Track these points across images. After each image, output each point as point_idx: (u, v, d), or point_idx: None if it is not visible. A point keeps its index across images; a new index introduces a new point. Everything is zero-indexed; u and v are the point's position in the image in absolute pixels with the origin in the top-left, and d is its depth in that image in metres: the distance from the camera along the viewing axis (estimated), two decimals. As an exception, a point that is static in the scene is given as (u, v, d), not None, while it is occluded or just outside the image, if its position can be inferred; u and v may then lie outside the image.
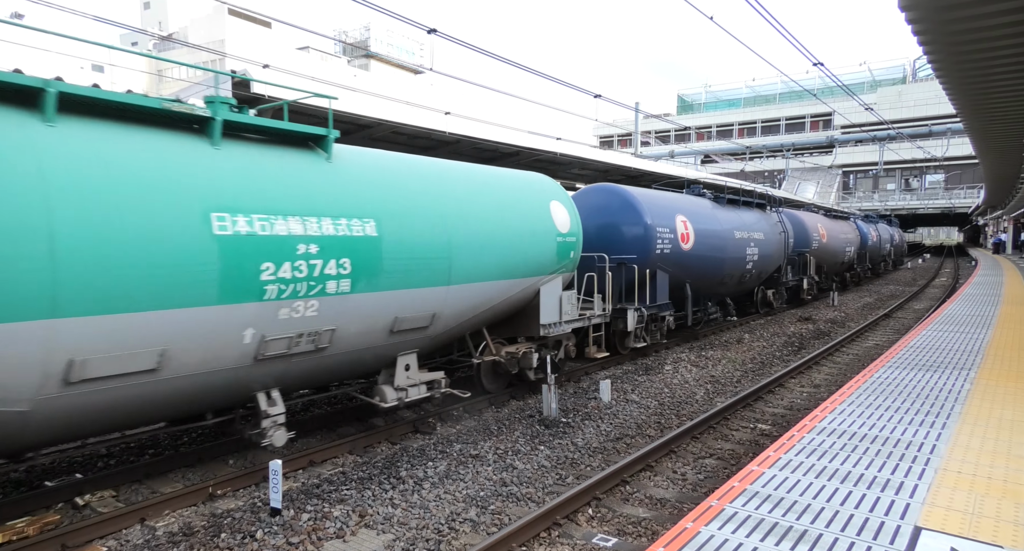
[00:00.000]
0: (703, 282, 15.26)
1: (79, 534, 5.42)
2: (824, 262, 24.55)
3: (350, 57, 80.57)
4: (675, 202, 14.42)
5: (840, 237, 26.81)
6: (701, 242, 14.52)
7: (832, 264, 26.07)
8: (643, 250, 12.90)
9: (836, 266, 27.02)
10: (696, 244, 14.29)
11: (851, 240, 28.80)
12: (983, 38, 9.35)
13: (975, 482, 4.60)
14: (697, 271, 14.68)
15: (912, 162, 61.66)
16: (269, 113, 8.68)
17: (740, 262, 16.33)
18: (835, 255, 25.99)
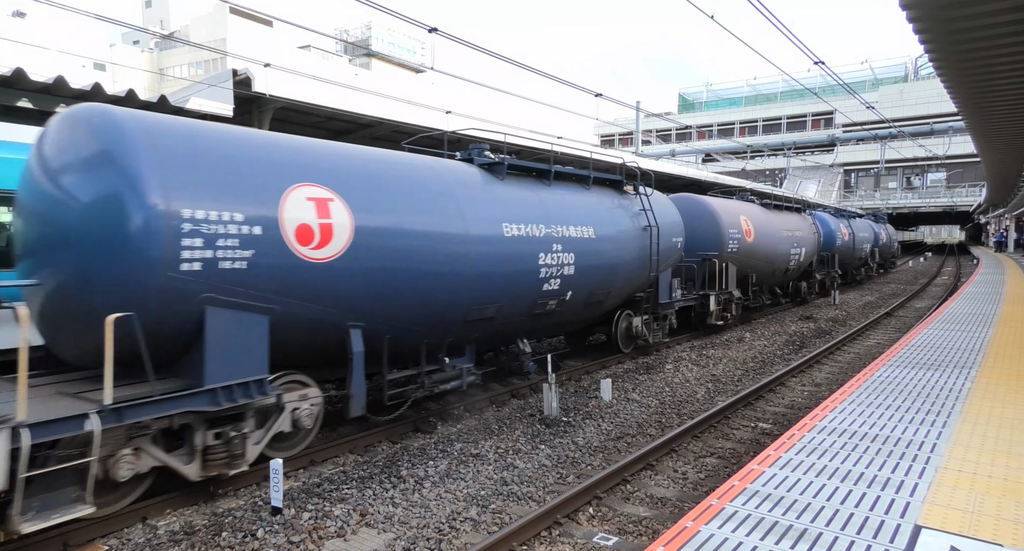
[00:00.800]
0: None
1: (80, 533, 5.43)
2: (751, 270, 18.35)
3: (351, 56, 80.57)
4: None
5: (779, 236, 20.19)
6: (759, 239, 17.94)
7: (765, 272, 19.50)
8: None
9: (772, 275, 20.31)
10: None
11: (801, 240, 22.12)
12: (984, 36, 9.34)
13: (975, 481, 4.60)
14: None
15: (914, 160, 61.60)
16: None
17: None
18: (769, 260, 19.31)
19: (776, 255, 19.22)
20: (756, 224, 17.97)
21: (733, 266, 16.71)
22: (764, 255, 18.51)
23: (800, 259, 21.29)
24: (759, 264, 18.37)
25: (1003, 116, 14.91)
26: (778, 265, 19.60)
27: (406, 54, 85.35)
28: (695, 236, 15.92)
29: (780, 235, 19.54)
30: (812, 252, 22.80)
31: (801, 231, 21.46)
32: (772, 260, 18.99)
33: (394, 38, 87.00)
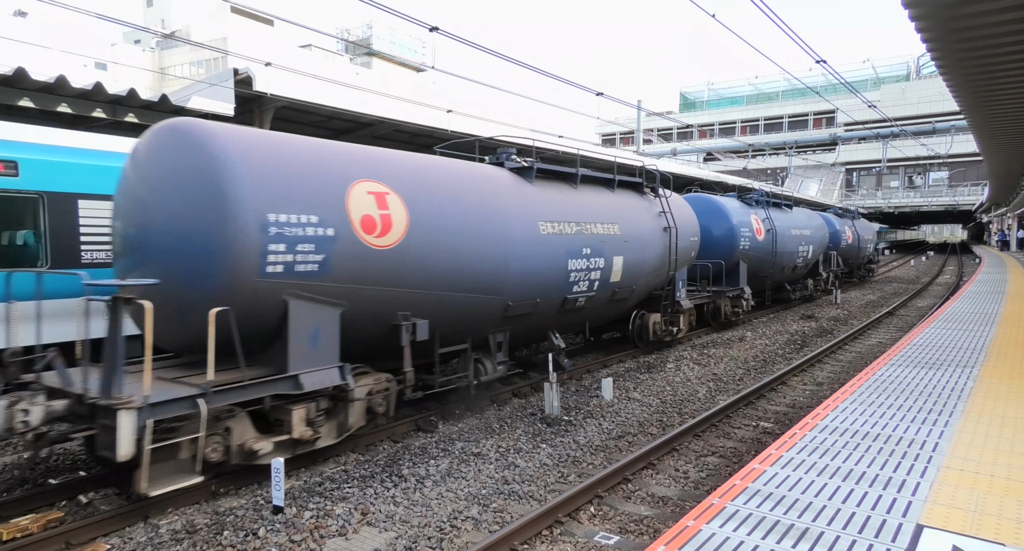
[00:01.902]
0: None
1: (82, 532, 5.44)
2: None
3: (352, 55, 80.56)
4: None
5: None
6: (769, 237, 18.79)
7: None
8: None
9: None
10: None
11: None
12: (987, 35, 9.32)
13: (977, 480, 4.59)
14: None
15: (916, 159, 61.47)
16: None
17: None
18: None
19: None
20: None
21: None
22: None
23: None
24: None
25: (1006, 115, 14.88)
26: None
27: (407, 53, 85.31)
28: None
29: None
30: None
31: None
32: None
33: (395, 37, 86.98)
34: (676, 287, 13.74)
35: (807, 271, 23.26)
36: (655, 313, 13.31)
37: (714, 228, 17.29)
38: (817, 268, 24.13)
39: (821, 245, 23.45)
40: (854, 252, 29.33)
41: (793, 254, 20.66)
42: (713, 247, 17.12)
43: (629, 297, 11.93)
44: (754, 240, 17.92)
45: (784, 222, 20.27)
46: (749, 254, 17.72)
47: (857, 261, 30.99)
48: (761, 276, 19.27)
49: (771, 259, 19.10)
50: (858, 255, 30.44)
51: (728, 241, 17.33)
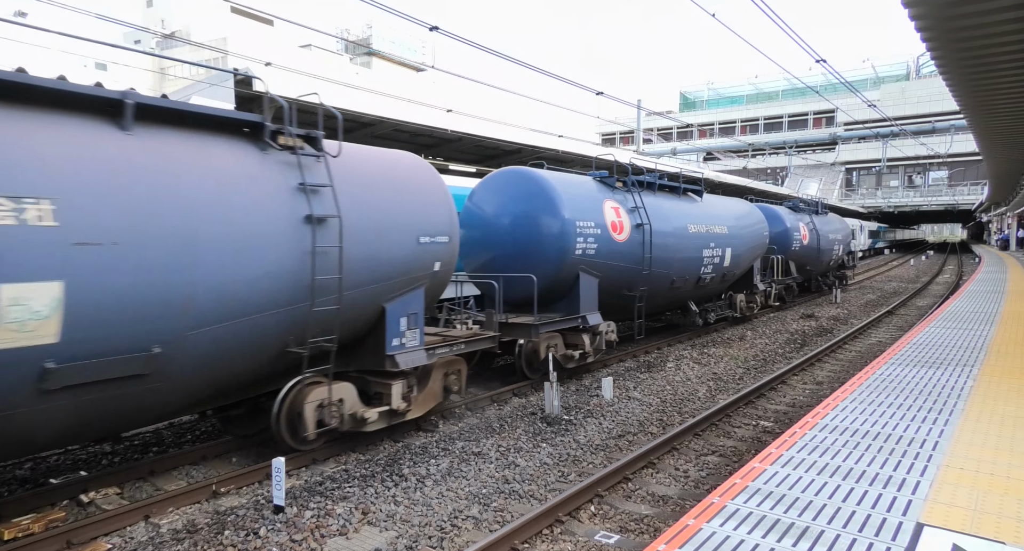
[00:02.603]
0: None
1: (84, 531, 5.45)
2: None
3: (352, 55, 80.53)
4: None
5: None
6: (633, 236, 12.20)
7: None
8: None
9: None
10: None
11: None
12: (986, 34, 9.32)
13: (978, 478, 4.60)
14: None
15: (915, 159, 61.53)
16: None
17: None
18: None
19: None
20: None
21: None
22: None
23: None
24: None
25: (1005, 114, 14.88)
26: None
27: (407, 53, 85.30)
28: None
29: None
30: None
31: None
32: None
33: (395, 37, 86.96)
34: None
35: (728, 284, 16.80)
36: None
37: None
38: (751, 278, 18.27)
39: (751, 247, 16.98)
40: (812, 256, 23.58)
41: (692, 260, 14.01)
42: None
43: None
44: (606, 242, 11.43)
45: (672, 215, 13.60)
46: (594, 262, 11.22)
47: (819, 267, 25.00)
48: (627, 294, 12.39)
49: (637, 268, 12.22)
50: (819, 260, 24.33)
51: None
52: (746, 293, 18.11)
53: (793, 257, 22.10)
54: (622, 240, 11.82)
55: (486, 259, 11.28)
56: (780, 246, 21.24)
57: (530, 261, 10.75)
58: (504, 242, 11.03)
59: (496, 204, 11.24)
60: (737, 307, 17.49)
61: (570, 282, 10.99)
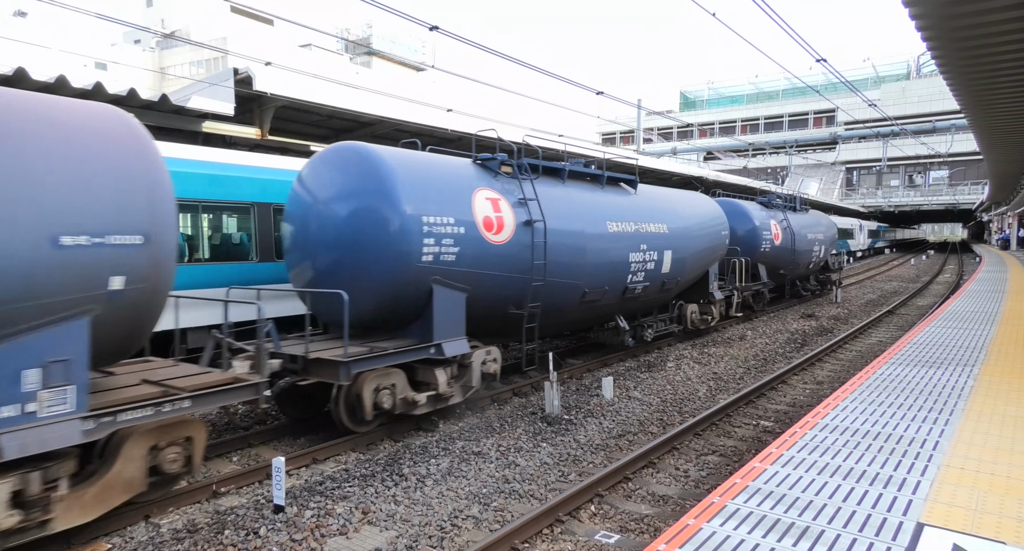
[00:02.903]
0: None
1: (84, 531, 5.44)
2: None
3: (352, 54, 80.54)
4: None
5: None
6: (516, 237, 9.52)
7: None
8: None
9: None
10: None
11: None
12: (987, 34, 9.32)
13: (978, 478, 4.60)
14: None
15: (916, 158, 61.51)
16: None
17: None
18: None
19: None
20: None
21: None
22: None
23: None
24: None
25: (1006, 113, 14.88)
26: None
27: (407, 52, 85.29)
28: None
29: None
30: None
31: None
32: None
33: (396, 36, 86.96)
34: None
35: (674, 293, 13.94)
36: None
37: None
38: (706, 287, 15.30)
39: (702, 250, 14.03)
40: (786, 258, 20.60)
41: (613, 267, 11.23)
42: None
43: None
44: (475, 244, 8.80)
45: (585, 211, 10.77)
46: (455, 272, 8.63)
47: (796, 271, 22.07)
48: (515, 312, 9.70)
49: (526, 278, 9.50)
50: (794, 263, 21.28)
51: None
52: (700, 303, 15.36)
53: (763, 259, 19.18)
54: (500, 242, 9.03)
55: (307, 266, 8.47)
56: (746, 247, 18.34)
57: (357, 270, 7.99)
58: (325, 243, 8.19)
59: (319, 191, 8.37)
60: (687, 320, 14.87)
61: (421, 298, 8.27)
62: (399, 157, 8.40)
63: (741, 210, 18.66)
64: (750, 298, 19.20)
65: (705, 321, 15.43)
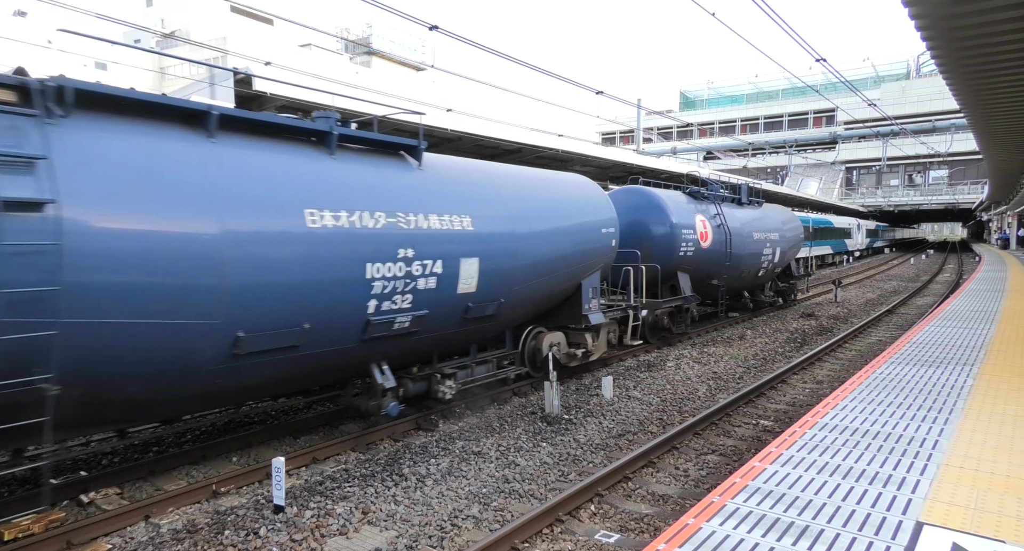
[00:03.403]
0: None
1: (84, 531, 5.45)
2: None
3: (352, 54, 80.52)
4: None
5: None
6: None
7: None
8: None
9: None
10: None
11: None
12: (987, 33, 9.32)
13: (977, 477, 4.60)
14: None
15: (916, 158, 61.51)
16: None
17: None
18: None
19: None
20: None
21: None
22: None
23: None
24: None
25: (1005, 113, 14.88)
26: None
27: (407, 52, 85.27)
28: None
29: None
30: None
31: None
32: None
33: (395, 36, 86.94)
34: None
35: (515, 321, 9.82)
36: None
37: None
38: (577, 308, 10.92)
39: (565, 257, 9.89)
40: (719, 266, 15.88)
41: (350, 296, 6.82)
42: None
43: None
44: None
45: None
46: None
47: (739, 281, 17.61)
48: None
49: None
50: (735, 270, 16.72)
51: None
52: (571, 330, 10.83)
53: (684, 267, 14.62)
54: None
55: None
56: (658, 251, 13.99)
57: None
58: None
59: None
60: (525, 359, 10.07)
61: None
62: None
63: (654, 203, 14.25)
64: (665, 319, 14.50)
65: (574, 356, 10.83)
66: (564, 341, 10.80)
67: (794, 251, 20.93)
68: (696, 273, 15.23)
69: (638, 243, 13.93)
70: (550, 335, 10.51)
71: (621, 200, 14.50)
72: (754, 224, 17.88)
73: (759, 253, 17.94)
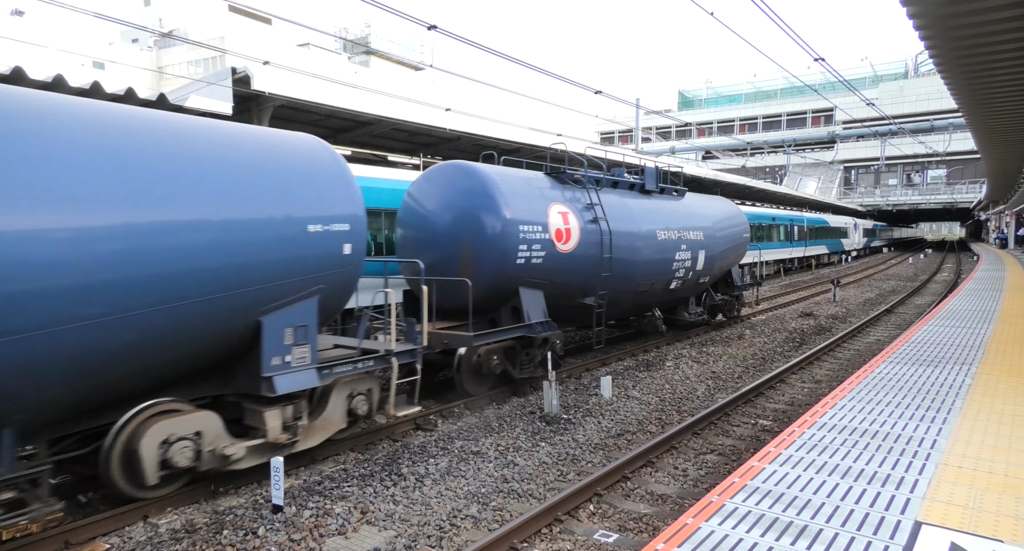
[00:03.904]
0: None
1: (82, 531, 5.44)
2: None
3: (351, 54, 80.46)
4: None
5: None
6: None
7: None
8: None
9: None
10: None
11: None
12: (985, 32, 9.33)
13: (975, 477, 4.60)
14: None
15: (914, 157, 61.62)
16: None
17: None
18: None
19: None
20: None
21: None
22: None
23: None
24: None
25: (1004, 112, 14.90)
26: None
27: (406, 52, 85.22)
28: None
29: None
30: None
31: None
32: None
33: (394, 35, 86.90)
34: None
35: None
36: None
37: None
38: None
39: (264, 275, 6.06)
40: (589, 276, 11.11)
41: None
42: None
43: None
44: None
45: None
46: None
47: (635, 299, 12.83)
48: None
49: None
50: (629, 286, 12.22)
51: None
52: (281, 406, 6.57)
53: (530, 280, 10.03)
54: None
55: None
56: (483, 258, 9.55)
57: None
58: None
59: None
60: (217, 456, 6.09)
61: None
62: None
63: (480, 186, 9.66)
64: (493, 359, 9.51)
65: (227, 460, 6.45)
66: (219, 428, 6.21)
67: (735, 255, 16.53)
68: (553, 289, 10.42)
69: (454, 245, 9.62)
70: (267, 412, 6.45)
71: (434, 182, 9.97)
72: (662, 219, 13.13)
73: (668, 259, 13.06)
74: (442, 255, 9.85)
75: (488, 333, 9.43)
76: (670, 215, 13.66)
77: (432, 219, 9.93)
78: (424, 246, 10.00)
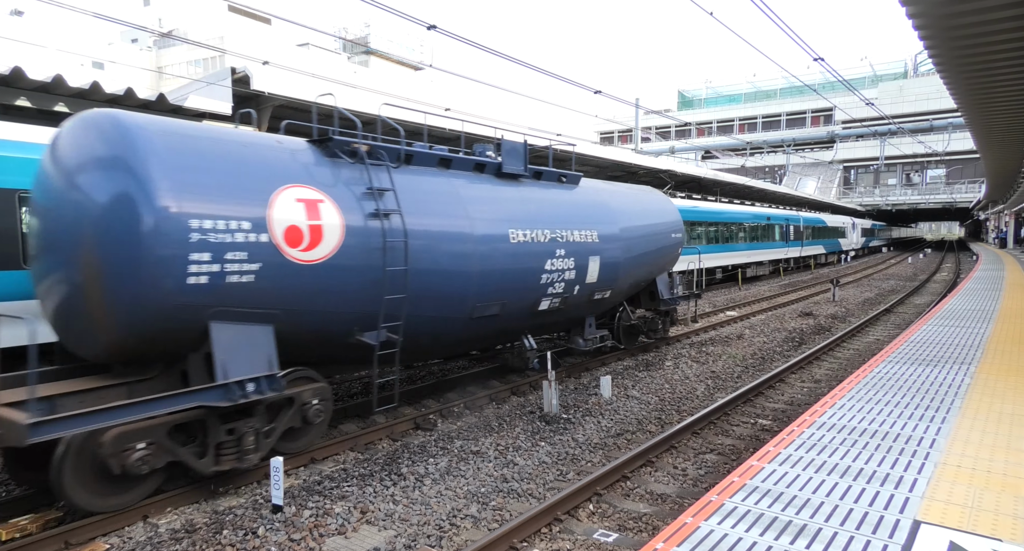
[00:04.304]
0: None
1: (82, 531, 5.44)
2: None
3: (350, 54, 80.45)
4: None
5: None
6: None
7: None
8: None
9: None
10: None
11: None
12: (984, 32, 9.33)
13: (974, 476, 4.61)
14: None
15: (913, 157, 61.64)
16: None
17: None
18: None
19: None
20: None
21: None
22: None
23: None
24: None
25: (1003, 112, 14.90)
26: None
27: (405, 52, 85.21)
28: None
29: None
30: None
31: None
32: None
33: (393, 35, 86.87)
34: None
35: None
36: None
37: None
38: None
39: None
40: (361, 300, 7.13)
41: None
42: None
43: None
44: None
45: None
46: None
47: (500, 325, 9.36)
48: None
49: None
50: (451, 313, 8.37)
51: None
52: None
53: (239, 310, 6.23)
54: None
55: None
56: (121, 279, 5.59)
57: None
58: None
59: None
60: None
61: None
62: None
63: (116, 152, 5.76)
64: (122, 457, 5.49)
65: None
66: None
67: (662, 261, 12.99)
68: (293, 321, 6.76)
69: (74, 252, 5.73)
70: None
71: (66, 144, 6.03)
72: (524, 215, 9.48)
73: (532, 269, 9.42)
74: (61, 268, 5.86)
75: (117, 407, 5.42)
76: (541, 208, 9.82)
77: (49, 207, 5.94)
78: (43, 253, 6.07)
